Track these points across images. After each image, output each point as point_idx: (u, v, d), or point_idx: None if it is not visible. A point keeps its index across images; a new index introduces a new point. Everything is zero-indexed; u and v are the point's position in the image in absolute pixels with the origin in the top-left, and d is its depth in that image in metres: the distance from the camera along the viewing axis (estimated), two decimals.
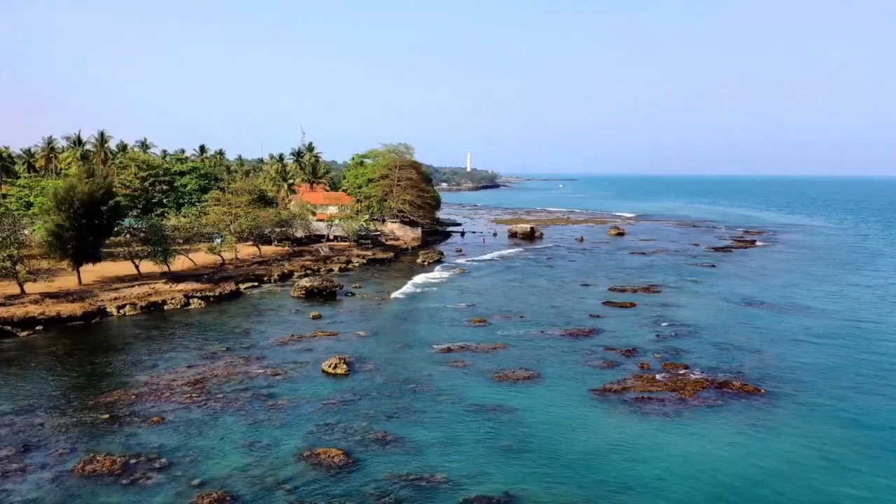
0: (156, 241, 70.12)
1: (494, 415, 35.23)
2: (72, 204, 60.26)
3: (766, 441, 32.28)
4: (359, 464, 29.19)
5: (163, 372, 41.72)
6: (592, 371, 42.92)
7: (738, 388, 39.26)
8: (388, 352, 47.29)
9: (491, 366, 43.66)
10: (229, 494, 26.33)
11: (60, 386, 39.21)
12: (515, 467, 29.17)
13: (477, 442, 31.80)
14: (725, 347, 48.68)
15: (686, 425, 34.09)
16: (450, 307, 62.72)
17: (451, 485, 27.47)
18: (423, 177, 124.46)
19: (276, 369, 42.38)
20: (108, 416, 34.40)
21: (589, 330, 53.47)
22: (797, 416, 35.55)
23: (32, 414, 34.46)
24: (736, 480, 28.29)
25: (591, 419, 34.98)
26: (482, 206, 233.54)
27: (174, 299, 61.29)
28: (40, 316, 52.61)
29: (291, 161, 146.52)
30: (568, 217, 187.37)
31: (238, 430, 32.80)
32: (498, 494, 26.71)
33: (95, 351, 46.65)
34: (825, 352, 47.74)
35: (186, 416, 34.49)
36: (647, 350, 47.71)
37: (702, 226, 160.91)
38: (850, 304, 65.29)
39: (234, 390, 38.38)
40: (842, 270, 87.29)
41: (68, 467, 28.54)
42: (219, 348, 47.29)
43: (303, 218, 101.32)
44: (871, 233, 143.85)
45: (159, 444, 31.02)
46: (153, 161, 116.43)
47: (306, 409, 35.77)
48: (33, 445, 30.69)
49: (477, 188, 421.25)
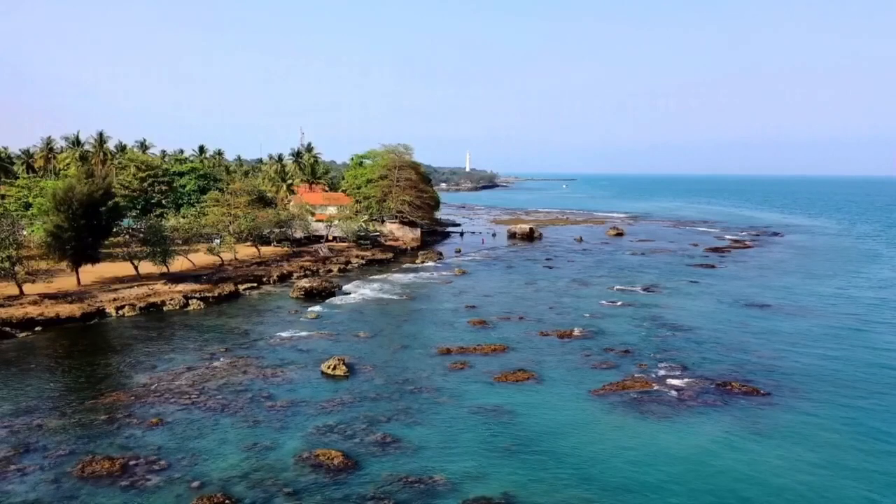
0: (155, 242, 70.04)
1: (494, 416, 35.21)
2: (70, 204, 60.16)
3: (766, 441, 32.26)
4: (358, 465, 29.17)
5: (162, 373, 41.67)
6: (591, 372, 42.91)
7: (738, 389, 39.28)
8: (388, 353, 47.26)
9: (490, 367, 43.65)
10: (229, 496, 26.27)
11: (59, 387, 39.14)
12: (514, 468, 29.16)
13: (476, 443, 31.78)
14: (725, 348, 48.68)
15: (685, 425, 34.09)
16: (449, 308, 62.71)
17: (450, 486, 27.46)
18: (422, 177, 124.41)
19: (275, 370, 42.35)
20: (107, 417, 34.35)
21: (588, 330, 53.44)
22: (797, 415, 35.55)
23: (31, 415, 34.40)
24: (735, 480, 28.28)
25: (590, 420, 34.97)
26: (481, 207, 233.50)
27: (173, 300, 61.22)
28: (39, 317, 52.54)
29: (290, 161, 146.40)
30: (567, 217, 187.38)
31: (237, 431, 32.77)
32: (497, 495, 26.70)
33: (94, 352, 46.59)
34: (825, 352, 47.75)
35: (185, 417, 34.45)
36: (646, 350, 47.71)
37: (701, 226, 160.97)
38: (850, 304, 65.32)
39: (233, 391, 38.34)
40: (841, 271, 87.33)
41: (67, 469, 28.48)
42: (218, 349, 47.24)
43: (302, 219, 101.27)
44: (871, 233, 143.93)
45: (158, 445, 30.98)
46: (152, 161, 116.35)
47: (305, 410, 35.73)
48: (32, 447, 30.64)
49: (476, 188, 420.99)
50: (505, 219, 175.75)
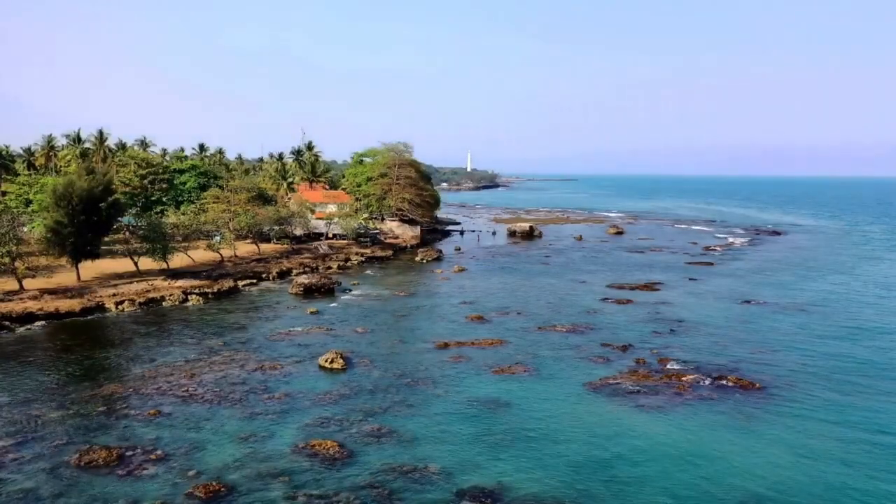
0: (155, 239, 70.25)
1: (490, 408, 35.38)
2: (70, 200, 60.34)
3: (760, 434, 32.40)
4: (354, 455, 29.35)
5: (160, 366, 41.88)
6: (588, 365, 43.08)
7: (734, 383, 39.41)
8: (386, 347, 47.44)
9: (487, 361, 43.81)
10: (225, 485, 26.49)
11: (58, 379, 39.36)
12: (509, 459, 29.32)
13: (471, 434, 31.95)
14: (722, 343, 48.82)
15: (680, 418, 34.23)
16: (447, 304, 62.89)
17: (444, 475, 27.63)
18: (422, 175, 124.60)
19: (272, 364, 42.54)
20: (105, 408, 34.57)
21: (586, 326, 53.63)
22: (793, 409, 35.68)
23: (30, 406, 34.62)
24: (729, 473, 28.41)
25: (585, 412, 35.11)
26: (482, 206, 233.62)
27: (172, 296, 61.45)
28: (39, 311, 52.80)
29: (291, 160, 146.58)
30: (567, 216, 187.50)
31: (234, 422, 32.96)
32: (491, 484, 26.88)
33: (93, 346, 46.80)
34: (822, 348, 47.87)
35: (183, 409, 34.66)
36: (644, 345, 47.85)
37: (701, 225, 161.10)
38: (848, 302, 65.43)
39: (230, 384, 38.54)
40: (840, 270, 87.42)
41: (65, 458, 28.69)
42: (216, 343, 47.46)
43: (302, 216, 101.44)
44: (872, 234, 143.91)
45: (156, 436, 31.19)
46: (152, 159, 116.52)
47: (302, 402, 35.93)
48: (31, 437, 30.84)
49: (477, 188, 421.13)
50: (505, 217, 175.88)
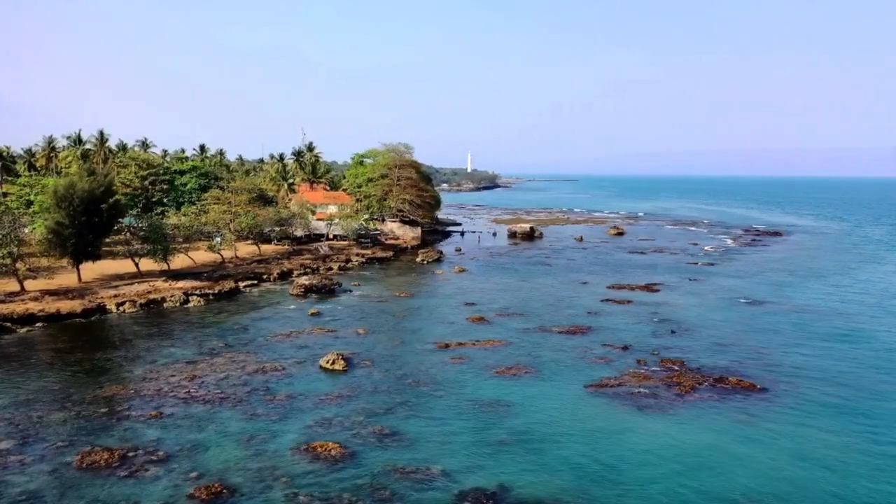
0: (155, 240, 70.29)
1: (491, 409, 35.38)
2: (71, 202, 60.39)
3: (763, 436, 32.39)
4: (355, 457, 29.36)
5: (161, 367, 41.89)
6: (589, 367, 43.07)
7: (735, 384, 39.39)
8: (387, 348, 47.45)
9: (488, 362, 43.82)
10: (226, 486, 26.50)
11: (59, 381, 39.38)
12: (510, 460, 29.33)
13: (473, 435, 31.95)
14: (723, 344, 48.82)
15: (680, 419, 34.23)
16: (448, 305, 62.89)
17: (446, 477, 27.65)
18: (422, 176, 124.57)
19: (274, 365, 42.54)
20: (107, 410, 34.60)
21: (587, 327, 53.62)
22: (794, 411, 35.68)
23: (32, 408, 34.64)
24: (731, 474, 28.42)
25: (586, 414, 35.11)
26: (482, 206, 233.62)
27: (173, 297, 61.47)
28: (40, 313, 52.79)
29: (291, 161, 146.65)
30: (567, 217, 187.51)
31: (236, 424, 32.97)
32: (492, 486, 26.88)
33: (94, 347, 46.82)
34: (823, 349, 47.87)
35: (184, 410, 34.67)
36: (644, 346, 47.84)
37: (701, 226, 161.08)
38: (849, 302, 65.41)
39: (231, 385, 38.55)
40: (841, 270, 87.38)
41: (67, 460, 28.72)
42: (217, 345, 47.47)
43: (302, 217, 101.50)
44: (871, 234, 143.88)
45: (157, 437, 31.21)
46: (153, 160, 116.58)
47: (304, 404, 35.94)
48: (32, 438, 30.88)
49: (477, 188, 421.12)
50: (506, 218, 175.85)
